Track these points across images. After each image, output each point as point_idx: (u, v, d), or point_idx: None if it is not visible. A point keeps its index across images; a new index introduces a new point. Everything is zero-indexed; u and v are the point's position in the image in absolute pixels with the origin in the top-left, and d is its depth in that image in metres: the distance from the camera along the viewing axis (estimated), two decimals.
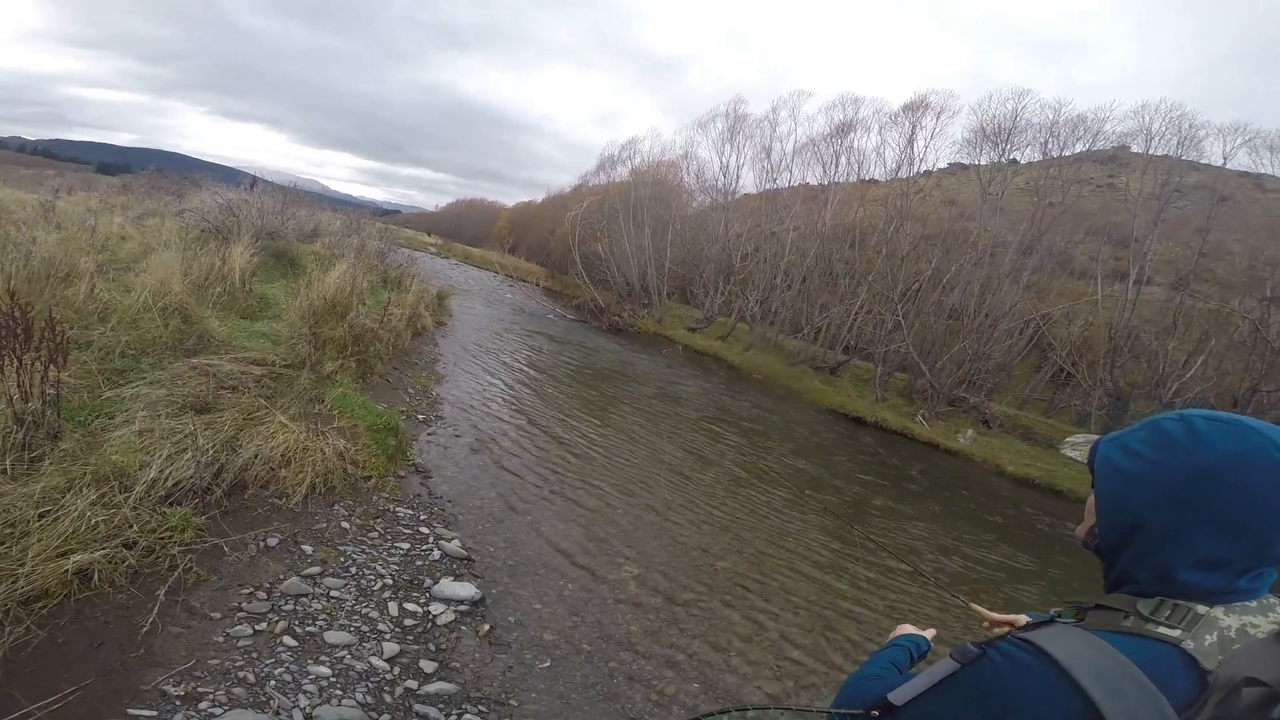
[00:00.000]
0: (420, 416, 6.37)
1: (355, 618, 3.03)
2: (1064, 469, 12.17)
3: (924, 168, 21.15)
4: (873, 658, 1.13)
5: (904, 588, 5.33)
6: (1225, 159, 16.77)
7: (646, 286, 24.85)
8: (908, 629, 1.24)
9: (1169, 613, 0.72)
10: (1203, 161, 17.33)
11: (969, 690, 0.76)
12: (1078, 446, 0.99)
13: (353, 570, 3.41)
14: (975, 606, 1.31)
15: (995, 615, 1.24)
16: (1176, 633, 0.70)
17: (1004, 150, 19.24)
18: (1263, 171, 17.30)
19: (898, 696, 0.84)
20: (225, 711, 2.27)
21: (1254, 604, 0.71)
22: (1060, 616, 0.81)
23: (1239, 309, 14.10)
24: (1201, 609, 0.71)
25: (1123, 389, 14.88)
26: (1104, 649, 0.69)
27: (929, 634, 1.24)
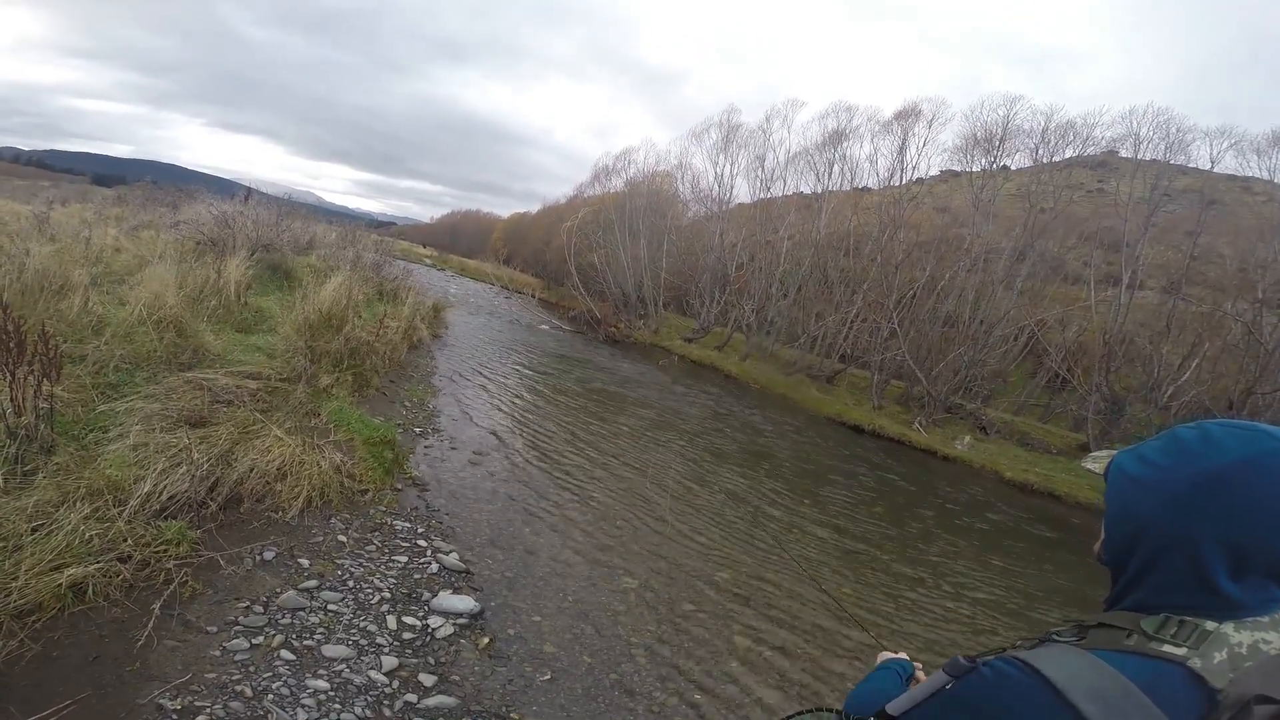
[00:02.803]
0: (417, 429, 6.34)
1: (353, 631, 3.00)
2: (1062, 474, 12.20)
3: (916, 175, 21.30)
4: (868, 677, 1.13)
5: (906, 596, 5.31)
6: (1213, 162, 16.94)
7: (642, 297, 24.90)
8: (888, 655, 1.23)
9: (1175, 630, 0.69)
10: (1191, 165, 17.50)
11: (959, 704, 0.75)
12: (1099, 460, 0.96)
13: (350, 584, 3.38)
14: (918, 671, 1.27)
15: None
16: (1182, 651, 0.67)
17: (995, 157, 19.41)
18: (1250, 174, 17.48)
19: (895, 707, 0.84)
20: None
21: (1266, 620, 0.68)
22: (1059, 635, 0.78)
23: (1231, 312, 14.18)
24: (1210, 625, 0.68)
25: (1118, 393, 14.93)
26: (1102, 669, 0.67)
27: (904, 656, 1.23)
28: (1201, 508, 0.70)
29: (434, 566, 3.82)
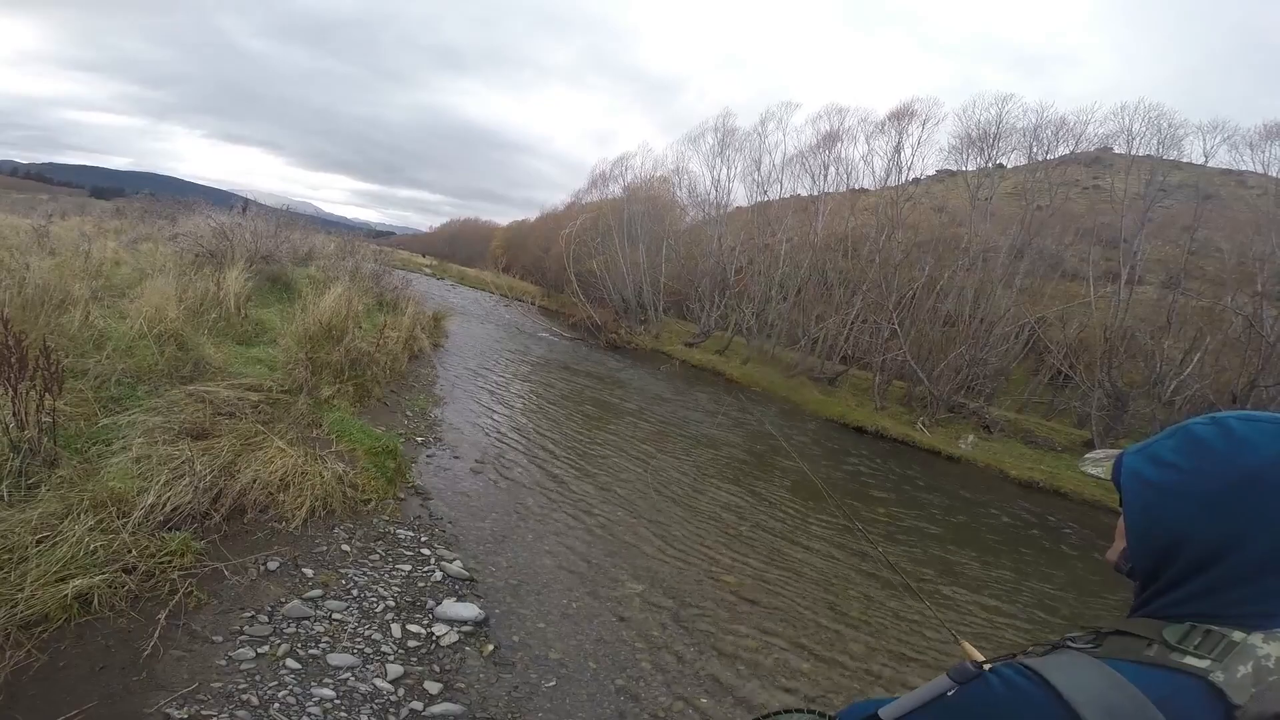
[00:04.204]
0: (419, 439, 6.34)
1: (358, 640, 3.00)
2: (1067, 471, 12.16)
3: (912, 175, 21.42)
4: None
5: (910, 602, 5.29)
6: (1206, 157, 17.03)
7: (642, 303, 24.91)
8: None
9: (1199, 640, 0.64)
10: (1184, 160, 17.57)
11: (961, 714, 0.70)
12: (1099, 463, 0.89)
13: (354, 592, 3.37)
14: (965, 645, 1.18)
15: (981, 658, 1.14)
16: (1205, 663, 0.63)
17: (990, 155, 19.47)
18: (1244, 168, 17.52)
19: (888, 713, 0.79)
20: None
21: None
22: (1073, 642, 0.73)
23: (1231, 305, 14.19)
24: (1237, 636, 0.63)
25: (1121, 389, 14.90)
26: (1116, 682, 0.63)
27: None
28: (1242, 513, 0.65)
29: (438, 574, 3.82)
